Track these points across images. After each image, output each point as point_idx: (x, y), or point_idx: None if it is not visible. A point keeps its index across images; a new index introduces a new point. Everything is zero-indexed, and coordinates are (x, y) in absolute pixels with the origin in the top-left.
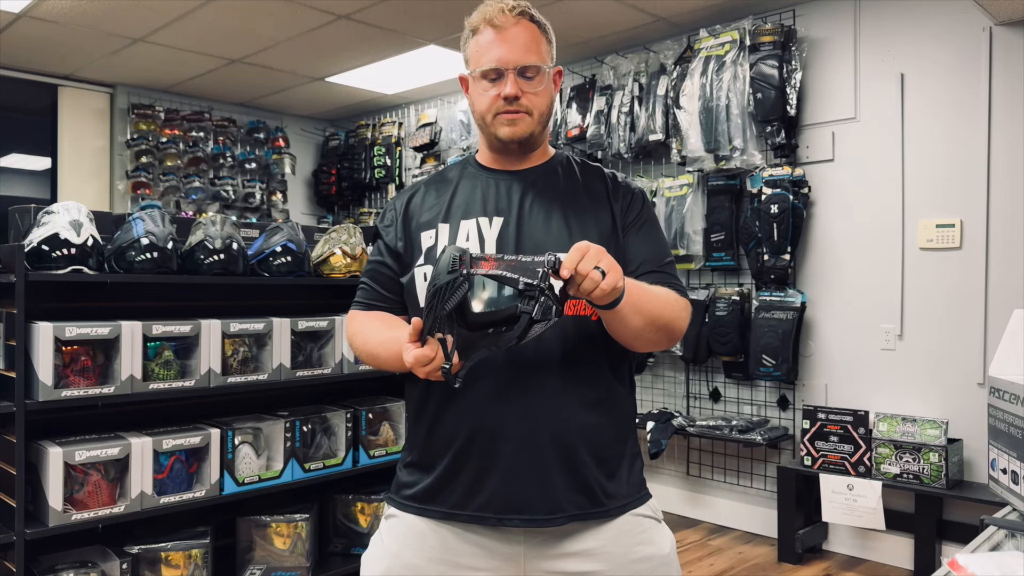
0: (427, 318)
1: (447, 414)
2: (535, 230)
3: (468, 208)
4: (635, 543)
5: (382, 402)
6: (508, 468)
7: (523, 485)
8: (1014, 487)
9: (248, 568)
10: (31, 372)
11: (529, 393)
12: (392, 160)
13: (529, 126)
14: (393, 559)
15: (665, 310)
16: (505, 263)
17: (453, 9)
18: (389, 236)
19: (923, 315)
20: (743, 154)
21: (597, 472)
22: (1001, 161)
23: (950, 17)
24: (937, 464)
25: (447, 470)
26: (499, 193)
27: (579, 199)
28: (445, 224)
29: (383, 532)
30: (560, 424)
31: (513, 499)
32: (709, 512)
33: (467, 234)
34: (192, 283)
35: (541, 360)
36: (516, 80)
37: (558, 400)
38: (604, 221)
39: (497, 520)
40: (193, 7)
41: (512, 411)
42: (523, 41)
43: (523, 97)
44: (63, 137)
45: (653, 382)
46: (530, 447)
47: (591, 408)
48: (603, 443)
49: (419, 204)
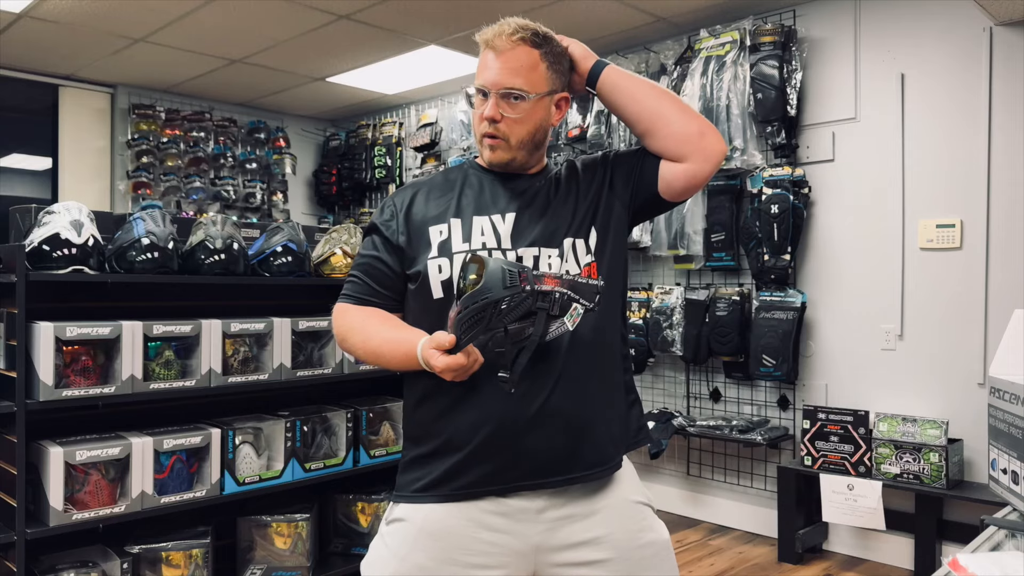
0: (471, 330)
1: (465, 405)
2: (537, 225)
3: (479, 205)
4: (638, 529)
5: (382, 402)
6: (530, 450)
7: (545, 458)
8: (1014, 487)
9: (249, 568)
10: (32, 372)
11: (543, 385)
12: (393, 160)
13: (506, 153)
14: (401, 562)
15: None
16: (566, 282)
17: (453, 9)
18: (389, 231)
19: (923, 315)
20: (743, 154)
21: (608, 436)
22: (1001, 161)
23: (950, 17)
24: (937, 464)
25: (470, 457)
26: (507, 193)
27: (571, 192)
28: (457, 219)
29: (386, 536)
30: (573, 408)
31: (539, 471)
32: (709, 512)
33: (481, 229)
34: (193, 283)
35: (550, 349)
36: (498, 103)
37: (569, 386)
38: (590, 204)
39: (534, 486)
40: (193, 7)
41: (529, 402)
42: (513, 65)
43: (502, 122)
44: (64, 137)
45: (653, 382)
46: (546, 431)
47: (600, 385)
48: (615, 411)
49: (423, 201)
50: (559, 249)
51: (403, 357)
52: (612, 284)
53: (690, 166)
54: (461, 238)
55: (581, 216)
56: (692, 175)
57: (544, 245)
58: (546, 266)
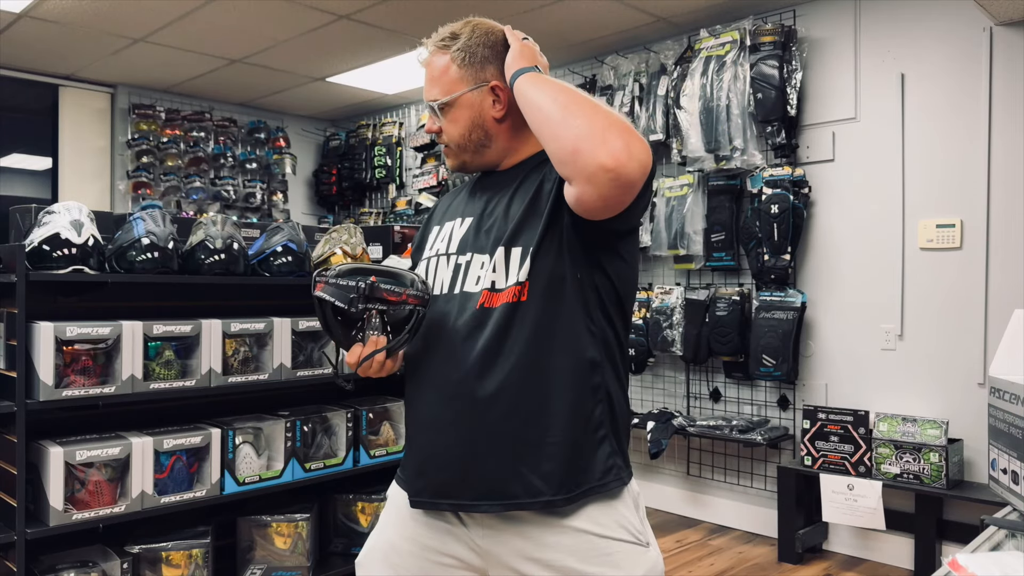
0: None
1: (412, 402)
2: (487, 227)
3: (451, 211)
4: (597, 563)
5: (382, 402)
6: (448, 455)
7: (461, 471)
8: (1014, 487)
9: (249, 568)
10: (32, 372)
11: (468, 382)
12: (393, 160)
13: (454, 158)
14: (378, 536)
15: (590, 106)
16: (328, 286)
17: (453, 9)
18: (419, 231)
19: (923, 315)
20: (743, 154)
21: (538, 459)
22: (1001, 161)
23: (950, 17)
24: (937, 464)
25: (408, 454)
26: (476, 196)
27: (530, 188)
28: (438, 226)
29: (381, 511)
30: (502, 412)
31: (448, 485)
32: (709, 512)
33: (441, 234)
34: (193, 283)
35: (477, 348)
36: (434, 116)
37: (498, 388)
38: (543, 199)
39: (432, 505)
40: (193, 7)
41: (454, 400)
42: (431, 76)
43: (443, 132)
44: (64, 137)
45: (653, 382)
46: (470, 435)
47: (535, 394)
48: (538, 432)
49: (442, 209)
50: (489, 256)
51: None
52: (557, 305)
53: (572, 189)
54: (429, 245)
55: (524, 223)
56: (578, 198)
57: (477, 252)
58: (475, 275)
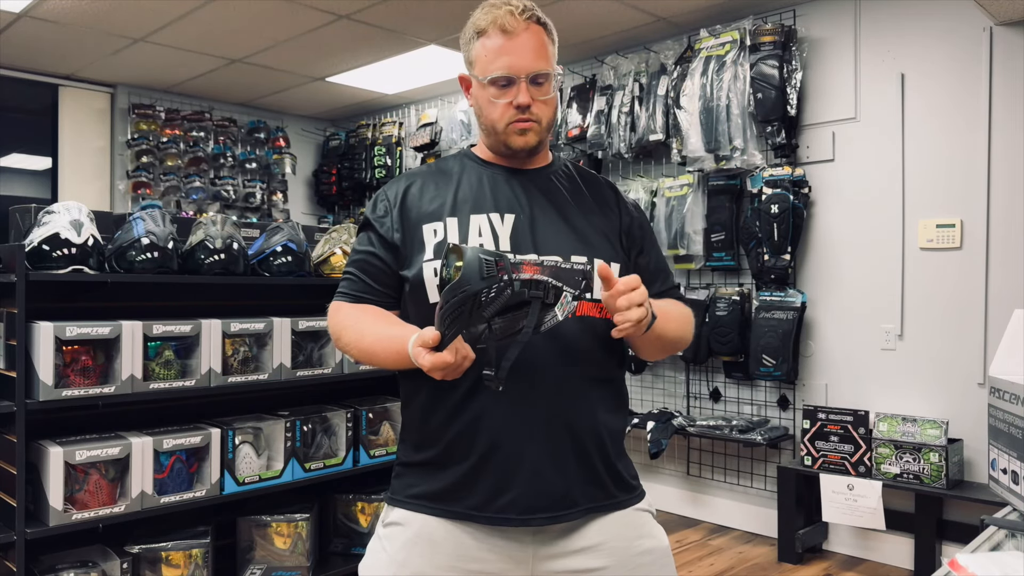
0: (453, 325)
1: (464, 413)
2: (547, 229)
3: (477, 203)
4: (637, 536)
5: (382, 402)
6: (532, 468)
7: (546, 484)
8: (1014, 487)
9: (248, 568)
10: (32, 372)
11: (546, 393)
12: (393, 160)
13: (538, 135)
14: (400, 567)
15: (679, 330)
16: (547, 268)
17: (453, 9)
18: (384, 227)
19: (923, 315)
20: (743, 154)
21: (608, 465)
22: (1001, 161)
23: (950, 17)
24: (937, 464)
25: (471, 471)
26: (508, 190)
27: (586, 203)
28: (453, 218)
29: (383, 539)
30: (578, 421)
31: (536, 498)
32: (709, 512)
33: (479, 229)
34: (192, 283)
35: (553, 359)
36: (528, 88)
37: (575, 398)
38: (611, 228)
39: (521, 521)
40: (193, 7)
41: (533, 412)
42: (533, 46)
43: (534, 105)
44: (64, 137)
45: (653, 382)
46: (551, 446)
47: (603, 404)
48: (614, 438)
49: (417, 195)
50: None
51: (395, 355)
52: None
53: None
54: (457, 239)
55: (604, 239)
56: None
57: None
58: None
